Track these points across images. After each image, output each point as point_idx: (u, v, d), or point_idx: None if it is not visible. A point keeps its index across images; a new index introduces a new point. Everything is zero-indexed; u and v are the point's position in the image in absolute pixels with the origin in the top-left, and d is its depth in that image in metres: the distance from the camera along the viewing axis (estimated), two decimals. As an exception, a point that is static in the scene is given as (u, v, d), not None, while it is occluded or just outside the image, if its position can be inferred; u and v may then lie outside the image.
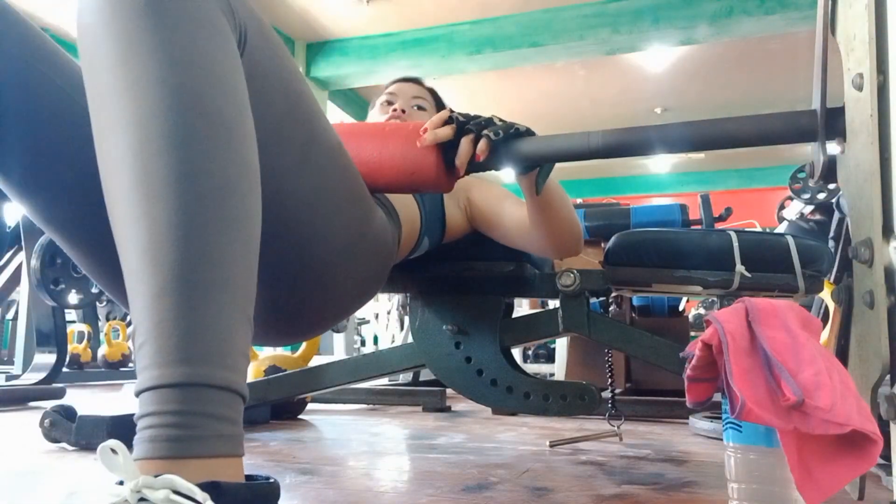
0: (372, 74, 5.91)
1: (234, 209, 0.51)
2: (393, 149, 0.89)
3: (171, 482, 0.42)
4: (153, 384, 0.46)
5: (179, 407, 0.45)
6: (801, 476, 0.62)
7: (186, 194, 0.48)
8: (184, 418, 0.45)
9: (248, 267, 0.52)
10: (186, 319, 0.46)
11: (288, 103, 0.69)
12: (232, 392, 0.48)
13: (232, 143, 0.52)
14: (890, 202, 0.72)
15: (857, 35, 0.76)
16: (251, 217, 0.53)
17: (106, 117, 0.51)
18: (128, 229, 0.49)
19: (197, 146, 0.50)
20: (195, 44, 0.52)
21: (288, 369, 1.76)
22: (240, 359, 0.49)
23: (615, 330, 1.23)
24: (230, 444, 0.47)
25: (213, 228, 0.49)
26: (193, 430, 0.45)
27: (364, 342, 6.27)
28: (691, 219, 2.16)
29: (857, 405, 0.62)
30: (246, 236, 0.52)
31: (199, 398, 0.46)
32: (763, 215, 4.17)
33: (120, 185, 0.50)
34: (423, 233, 1.13)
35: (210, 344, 0.47)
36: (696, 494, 0.93)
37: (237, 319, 0.49)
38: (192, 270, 0.47)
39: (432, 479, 1.02)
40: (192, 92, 0.51)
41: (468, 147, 0.86)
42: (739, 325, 0.70)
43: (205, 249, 0.48)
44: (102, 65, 0.51)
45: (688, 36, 5.16)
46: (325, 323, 0.93)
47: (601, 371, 1.56)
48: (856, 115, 0.77)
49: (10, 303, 4.59)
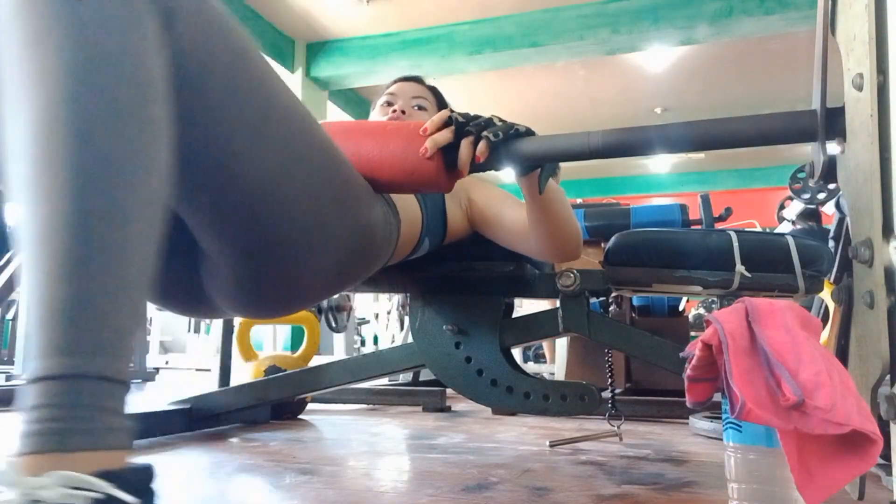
0: (372, 74, 5.91)
1: (129, 202, 0.50)
2: (393, 148, 0.89)
3: (65, 478, 0.42)
4: (38, 375, 0.45)
5: (65, 399, 0.45)
6: (801, 476, 0.62)
7: (80, 186, 0.48)
8: (71, 411, 0.45)
9: (140, 259, 0.51)
10: (74, 308, 0.46)
11: (237, 82, 0.67)
12: (116, 382, 0.48)
13: (133, 135, 0.52)
14: (890, 202, 0.72)
15: (857, 35, 0.76)
16: (148, 209, 0.53)
17: (8, 104, 0.51)
18: (24, 216, 0.49)
19: (95, 138, 0.50)
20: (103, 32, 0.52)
21: (288, 369, 1.76)
22: (125, 349, 0.49)
23: (615, 330, 1.23)
24: (117, 435, 0.47)
25: (104, 220, 0.49)
26: (80, 422, 0.45)
27: (364, 342, 6.27)
28: (691, 219, 2.16)
29: (857, 405, 0.62)
30: (139, 229, 0.51)
31: (85, 390, 0.45)
32: (763, 215, 4.17)
33: (18, 172, 0.50)
34: (424, 234, 1.12)
35: (95, 334, 0.47)
36: (696, 494, 0.93)
37: (127, 310, 0.49)
38: (79, 261, 0.47)
39: (432, 479, 1.02)
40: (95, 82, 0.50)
41: (468, 148, 0.86)
42: (739, 325, 0.71)
43: (93, 241, 0.48)
44: (9, 51, 0.51)
45: (688, 36, 5.15)
46: (301, 300, 0.92)
47: (601, 371, 1.56)
48: (856, 115, 0.77)
49: (10, 303, 4.59)
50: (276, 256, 0.80)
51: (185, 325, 6.74)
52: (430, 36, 5.62)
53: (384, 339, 3.57)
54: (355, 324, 5.23)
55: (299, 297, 0.91)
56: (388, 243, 1.00)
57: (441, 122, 0.88)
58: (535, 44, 5.34)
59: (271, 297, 0.88)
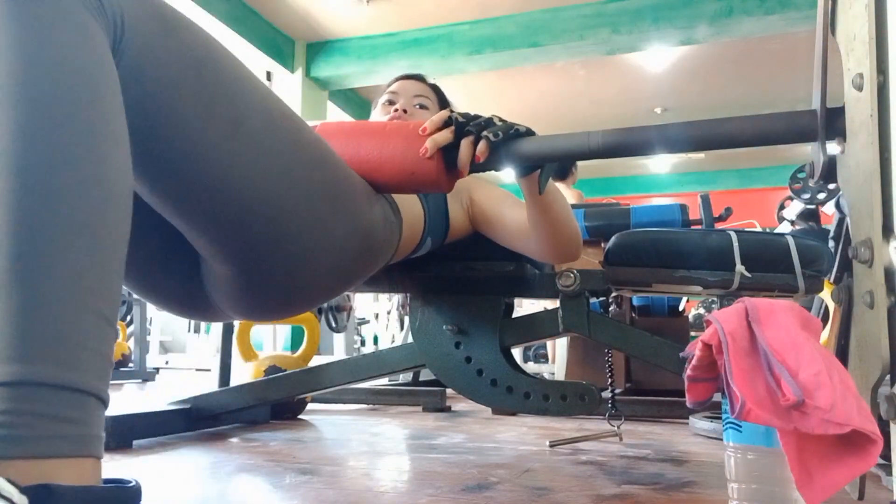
0: (372, 74, 5.91)
1: (81, 206, 0.50)
2: (393, 148, 0.89)
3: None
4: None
5: (8, 406, 0.44)
6: (801, 476, 0.62)
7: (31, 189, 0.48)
8: (12, 417, 0.44)
9: (101, 264, 0.50)
10: (24, 316, 0.46)
11: (201, 85, 0.66)
12: (76, 391, 0.47)
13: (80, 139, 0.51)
14: (890, 202, 0.72)
15: (857, 35, 0.76)
16: (105, 214, 0.52)
17: None
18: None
19: (40, 142, 0.49)
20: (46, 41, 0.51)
21: (288, 369, 1.76)
22: (90, 357, 0.48)
23: (615, 330, 1.22)
24: (73, 444, 0.46)
25: (56, 224, 0.48)
26: (23, 429, 0.44)
27: (364, 342, 6.27)
28: (691, 219, 2.16)
29: (857, 405, 0.62)
30: (95, 233, 0.51)
31: (32, 397, 0.45)
32: (763, 215, 4.17)
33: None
34: (427, 233, 1.12)
35: (50, 342, 0.46)
36: (696, 494, 0.93)
37: (86, 317, 0.48)
38: (32, 266, 0.47)
39: (432, 479, 1.02)
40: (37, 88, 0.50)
41: (468, 148, 0.86)
42: (739, 325, 0.71)
43: (45, 246, 0.47)
44: None
45: (688, 36, 5.15)
46: (303, 302, 0.92)
47: (601, 371, 1.56)
48: (856, 115, 0.77)
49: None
50: (272, 259, 0.80)
51: (185, 325, 6.74)
52: (430, 36, 5.62)
53: (384, 339, 3.57)
54: (355, 324, 5.22)
55: (300, 299, 0.90)
56: (390, 244, 1.00)
57: (441, 121, 0.88)
58: (535, 44, 5.34)
59: (272, 300, 0.88)
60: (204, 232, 0.76)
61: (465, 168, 0.86)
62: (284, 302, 0.89)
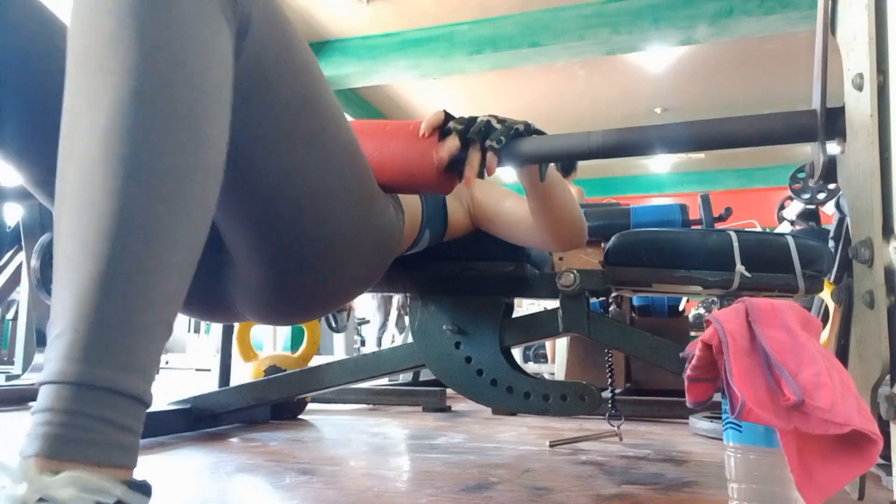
0: (372, 74, 5.91)
1: (184, 217, 0.50)
2: (394, 149, 0.89)
3: (77, 479, 0.41)
4: (58, 379, 0.44)
5: (80, 407, 0.44)
6: (801, 476, 0.62)
7: (135, 193, 0.47)
8: (82, 420, 0.44)
9: (180, 276, 0.50)
10: (109, 320, 0.45)
11: (296, 95, 0.68)
12: (137, 400, 0.47)
13: (189, 147, 0.51)
14: (890, 202, 0.72)
15: (857, 35, 0.76)
16: (199, 225, 0.52)
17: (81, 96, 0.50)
18: (73, 214, 0.48)
19: (151, 144, 0.48)
20: (185, 39, 0.51)
21: (288, 369, 1.76)
22: (152, 367, 0.48)
23: (615, 330, 1.22)
24: (124, 454, 0.46)
25: (145, 235, 0.48)
26: (91, 433, 0.44)
27: (364, 342, 6.27)
28: (691, 219, 2.16)
29: (857, 405, 0.62)
30: (188, 245, 0.51)
31: (102, 402, 0.45)
32: (763, 215, 4.17)
33: (77, 167, 0.48)
34: (425, 225, 1.12)
35: (125, 349, 0.46)
36: (696, 494, 0.93)
37: (158, 327, 0.48)
38: (124, 274, 0.46)
39: (432, 479, 1.02)
40: (163, 88, 0.49)
41: (476, 158, 0.86)
42: (739, 325, 0.70)
43: (142, 255, 0.47)
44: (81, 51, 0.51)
45: (688, 36, 5.15)
46: (326, 306, 0.93)
47: (601, 371, 1.56)
48: (856, 115, 0.77)
49: (10, 303, 4.59)
50: (308, 264, 0.82)
51: (185, 325, 6.74)
52: (430, 36, 5.62)
53: (384, 339, 3.57)
54: (355, 324, 5.23)
55: (326, 301, 0.92)
56: (398, 240, 1.01)
57: (438, 122, 0.88)
58: (535, 44, 5.34)
59: (299, 303, 0.89)
60: (251, 236, 0.77)
61: (473, 179, 0.86)
62: (311, 306, 0.91)
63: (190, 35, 0.51)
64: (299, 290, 0.85)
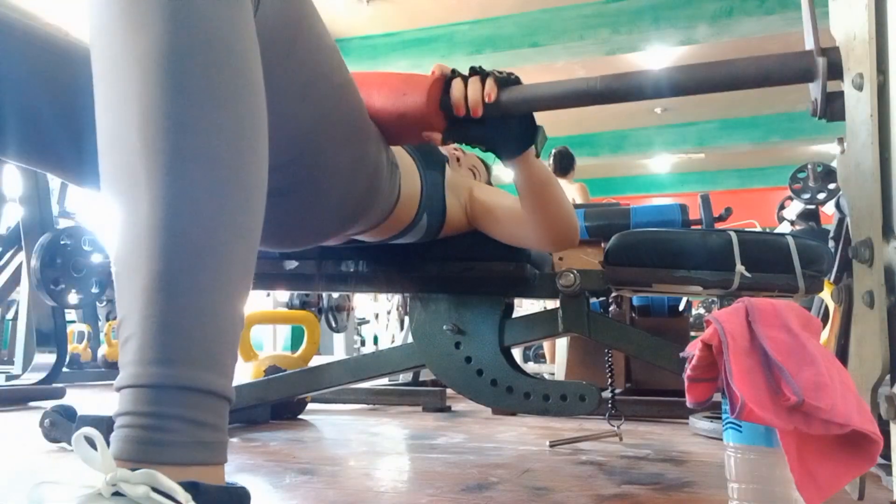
0: (372, 74, 5.91)
1: (239, 201, 0.48)
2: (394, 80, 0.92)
3: (151, 477, 0.41)
4: (134, 382, 0.44)
5: (159, 409, 0.43)
6: (801, 476, 0.62)
7: (190, 183, 0.45)
8: (162, 422, 0.43)
9: (245, 263, 0.49)
10: (176, 318, 0.44)
11: (293, 44, 0.66)
12: (217, 396, 0.46)
13: (243, 130, 0.49)
14: (890, 202, 0.72)
15: (857, 35, 0.76)
16: (255, 207, 0.50)
17: (110, 86, 0.48)
18: (124, 213, 0.46)
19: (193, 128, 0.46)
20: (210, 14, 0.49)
21: (288, 369, 1.76)
22: (228, 361, 0.47)
23: (615, 330, 1.22)
24: (211, 451, 0.45)
25: (214, 222, 0.46)
26: (171, 434, 0.43)
27: (364, 342, 6.27)
28: (691, 219, 2.16)
29: (857, 405, 0.62)
30: (247, 229, 0.49)
31: (180, 401, 0.44)
32: (763, 215, 4.17)
33: (119, 162, 0.46)
34: (422, 207, 1.12)
35: (197, 345, 0.45)
36: (696, 494, 0.93)
37: (228, 320, 0.47)
38: (187, 267, 0.45)
39: (432, 479, 1.02)
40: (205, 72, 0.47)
41: (476, 85, 0.86)
42: (739, 325, 0.70)
43: (202, 246, 0.46)
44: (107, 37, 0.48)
45: (688, 36, 5.15)
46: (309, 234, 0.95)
47: (601, 371, 1.56)
48: (856, 115, 0.77)
49: (10, 303, 4.59)
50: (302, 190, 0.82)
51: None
52: (430, 36, 5.62)
53: (384, 339, 3.57)
54: (355, 324, 5.22)
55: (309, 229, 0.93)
56: (390, 194, 1.00)
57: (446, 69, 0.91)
58: (535, 44, 5.34)
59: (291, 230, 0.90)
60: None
61: (477, 106, 0.86)
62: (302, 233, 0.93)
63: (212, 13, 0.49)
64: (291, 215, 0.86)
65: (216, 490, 0.44)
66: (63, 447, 1.30)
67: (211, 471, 0.45)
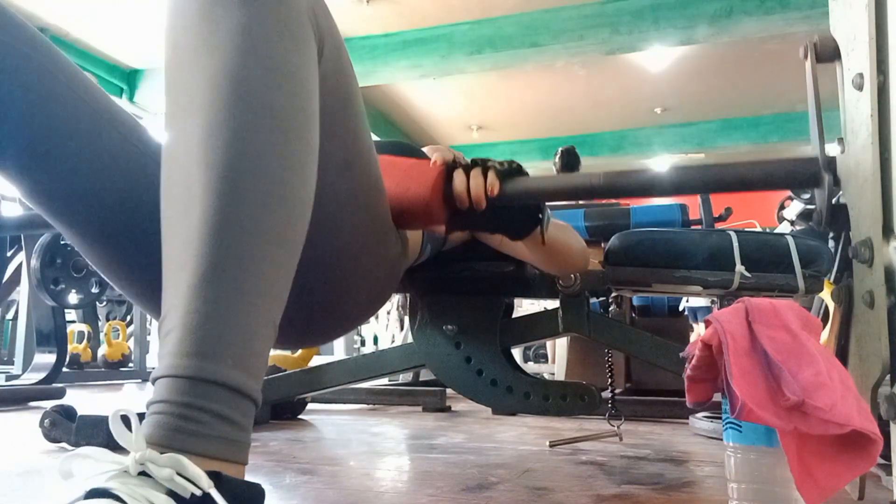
0: (372, 74, 5.90)
1: (286, 216, 0.51)
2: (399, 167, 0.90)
3: (177, 462, 0.42)
4: (170, 373, 0.46)
5: (191, 400, 0.45)
6: (801, 476, 0.62)
7: (243, 193, 0.48)
8: (193, 412, 0.45)
9: (285, 276, 0.52)
10: (216, 316, 0.46)
11: (340, 120, 0.69)
12: (246, 397, 0.47)
13: (296, 152, 0.53)
14: (890, 202, 0.72)
15: (857, 35, 0.76)
16: (299, 225, 0.53)
17: (179, 99, 0.51)
18: (178, 214, 0.49)
19: (251, 147, 0.50)
20: (280, 47, 0.53)
21: (288, 369, 1.76)
22: (259, 364, 0.49)
23: (615, 330, 1.23)
24: (235, 448, 0.47)
25: (254, 232, 0.49)
26: (200, 426, 0.45)
27: (364, 342, 6.27)
28: (691, 219, 2.16)
29: (857, 405, 0.62)
30: (290, 244, 0.52)
31: (212, 395, 0.45)
32: (763, 215, 4.17)
33: (179, 169, 0.50)
34: (426, 240, 1.14)
35: (233, 345, 0.47)
36: (696, 494, 0.93)
37: (264, 325, 0.49)
38: (231, 270, 0.47)
39: (432, 479, 1.02)
40: (268, 94, 0.51)
41: (478, 179, 0.86)
42: (739, 325, 0.70)
43: (248, 252, 0.48)
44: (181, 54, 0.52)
45: (688, 36, 5.15)
46: (330, 332, 0.95)
47: (601, 371, 1.56)
48: (856, 115, 0.77)
49: (10, 303, 4.59)
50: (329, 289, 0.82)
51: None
52: (430, 36, 5.62)
53: (384, 339, 3.57)
54: (355, 324, 5.22)
55: (331, 327, 0.93)
56: (403, 265, 1.02)
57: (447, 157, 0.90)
58: (535, 44, 5.34)
59: (315, 328, 0.90)
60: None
61: (480, 200, 0.86)
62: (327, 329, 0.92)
63: (285, 41, 0.53)
64: (307, 314, 0.86)
65: (238, 483, 0.45)
66: (63, 447, 1.30)
67: (232, 467, 0.47)
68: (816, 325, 0.72)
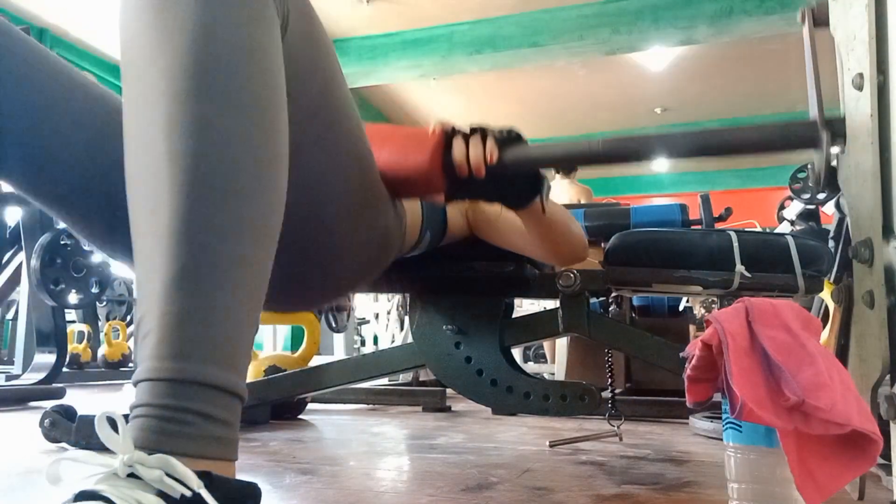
0: (372, 74, 5.91)
1: (256, 205, 0.50)
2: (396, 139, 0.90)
3: (166, 462, 0.42)
4: (150, 376, 0.45)
5: (173, 402, 0.44)
6: (801, 476, 0.62)
7: (211, 187, 0.47)
8: (176, 414, 0.44)
9: (262, 269, 0.51)
10: (192, 317, 0.45)
11: (317, 95, 0.68)
12: (230, 394, 0.47)
13: (264, 137, 0.51)
14: (890, 202, 0.73)
15: (857, 35, 0.76)
16: (272, 213, 0.52)
17: (136, 92, 0.49)
18: (146, 213, 0.47)
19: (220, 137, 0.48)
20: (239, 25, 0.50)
21: (288, 369, 1.76)
22: (242, 360, 0.48)
23: (615, 330, 1.22)
24: (223, 446, 0.46)
25: (228, 227, 0.47)
26: (185, 426, 0.44)
27: (364, 342, 6.26)
28: (691, 219, 2.16)
29: (857, 405, 0.62)
30: (263, 234, 0.50)
31: (194, 396, 0.45)
32: (763, 215, 4.17)
33: (141, 167, 0.48)
34: (426, 226, 1.13)
35: (212, 343, 0.46)
36: (696, 494, 0.93)
37: (243, 321, 0.48)
38: (204, 268, 0.46)
39: (432, 479, 1.02)
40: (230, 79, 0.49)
41: (477, 146, 0.85)
42: (739, 325, 0.70)
43: (219, 248, 0.47)
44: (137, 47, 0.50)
45: (688, 36, 5.15)
46: (324, 296, 0.95)
47: (601, 371, 1.56)
48: (856, 115, 0.77)
49: (10, 303, 4.59)
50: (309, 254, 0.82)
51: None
52: (430, 36, 5.62)
53: (384, 339, 3.57)
54: (355, 324, 5.22)
55: (324, 292, 0.93)
56: (399, 240, 1.01)
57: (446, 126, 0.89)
58: (535, 44, 5.34)
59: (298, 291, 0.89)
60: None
61: (480, 167, 0.85)
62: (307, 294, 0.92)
63: (241, 25, 0.51)
64: (299, 279, 0.86)
65: (228, 482, 0.45)
66: (63, 447, 1.30)
67: (222, 465, 0.46)
68: (816, 325, 0.72)
